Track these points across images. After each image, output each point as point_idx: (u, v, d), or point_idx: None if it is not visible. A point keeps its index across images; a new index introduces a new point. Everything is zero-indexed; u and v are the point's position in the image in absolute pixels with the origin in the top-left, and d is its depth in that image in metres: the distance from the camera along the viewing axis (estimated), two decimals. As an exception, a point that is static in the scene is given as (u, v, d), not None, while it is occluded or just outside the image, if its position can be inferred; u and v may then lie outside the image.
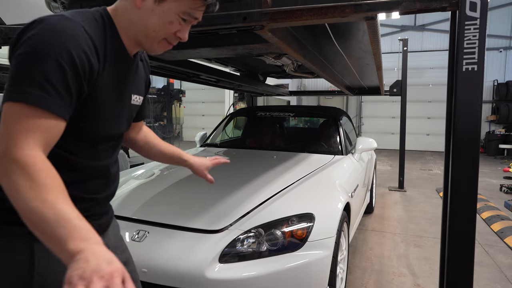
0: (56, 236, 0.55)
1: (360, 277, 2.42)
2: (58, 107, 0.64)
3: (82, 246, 0.54)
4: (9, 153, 0.60)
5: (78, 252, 0.53)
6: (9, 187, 0.59)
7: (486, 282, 2.40)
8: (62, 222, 0.56)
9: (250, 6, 1.24)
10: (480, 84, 1.18)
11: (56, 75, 0.63)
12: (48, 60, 0.63)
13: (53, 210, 0.56)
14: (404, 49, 5.28)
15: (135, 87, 0.88)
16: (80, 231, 0.56)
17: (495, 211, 3.97)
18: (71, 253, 0.53)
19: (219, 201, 1.72)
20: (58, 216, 0.56)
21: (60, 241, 0.55)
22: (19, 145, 0.60)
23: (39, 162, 0.60)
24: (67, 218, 0.56)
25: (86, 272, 0.51)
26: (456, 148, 1.22)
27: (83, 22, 0.70)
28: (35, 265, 0.72)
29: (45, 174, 0.59)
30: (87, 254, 0.53)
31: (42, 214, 0.56)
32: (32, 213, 0.57)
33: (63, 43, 0.64)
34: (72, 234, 0.55)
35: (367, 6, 1.18)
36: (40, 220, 0.56)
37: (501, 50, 10.52)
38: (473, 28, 1.16)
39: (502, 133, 9.73)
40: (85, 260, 0.52)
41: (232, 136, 3.50)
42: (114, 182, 0.89)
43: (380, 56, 2.21)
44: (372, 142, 2.89)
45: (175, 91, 9.55)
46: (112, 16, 0.77)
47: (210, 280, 1.34)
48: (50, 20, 0.66)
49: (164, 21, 0.76)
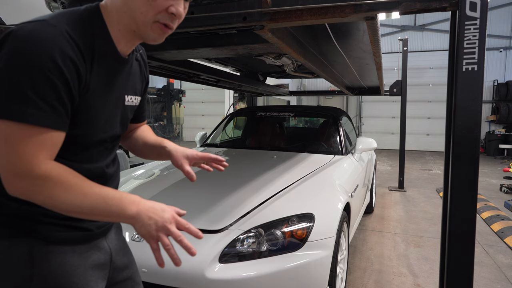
0: (113, 213, 0.67)
1: (360, 277, 2.42)
2: (56, 122, 0.64)
3: (137, 209, 0.68)
4: (30, 173, 0.63)
5: (137, 214, 0.68)
6: (45, 200, 0.64)
7: (486, 282, 2.40)
8: (110, 201, 0.66)
9: (250, 6, 1.24)
10: (480, 84, 1.18)
11: (47, 89, 0.61)
12: (36, 74, 0.60)
13: (97, 196, 0.66)
14: (404, 49, 5.28)
15: (129, 88, 0.84)
16: (127, 199, 0.68)
17: (495, 211, 3.97)
18: (132, 218, 0.68)
19: (219, 201, 1.72)
20: (104, 199, 0.66)
21: (119, 215, 0.67)
22: (34, 163, 0.63)
23: (59, 169, 0.65)
24: (112, 196, 0.67)
25: (157, 225, 0.68)
26: (456, 148, 1.22)
27: (67, 26, 0.66)
28: (34, 268, 0.71)
29: (70, 175, 0.66)
30: (146, 213, 0.68)
31: (91, 205, 0.65)
32: (82, 209, 0.65)
33: (48, 54, 0.61)
34: (123, 205, 0.67)
35: (367, 6, 1.18)
36: (92, 210, 0.66)
37: (501, 50, 10.52)
38: (473, 28, 1.16)
39: (502, 133, 9.74)
40: (148, 217, 0.68)
41: (232, 136, 3.49)
42: (112, 182, 0.87)
43: (380, 56, 2.21)
44: (372, 142, 2.89)
45: (175, 91, 9.54)
46: (103, 13, 0.72)
47: (210, 280, 1.34)
48: (30, 27, 0.62)
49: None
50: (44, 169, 0.63)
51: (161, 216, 0.69)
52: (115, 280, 0.89)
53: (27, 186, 0.63)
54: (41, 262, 0.71)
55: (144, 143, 1.00)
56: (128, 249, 0.97)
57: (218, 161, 1.00)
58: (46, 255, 0.72)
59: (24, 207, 0.72)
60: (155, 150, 0.98)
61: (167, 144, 0.97)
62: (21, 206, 0.72)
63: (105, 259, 0.84)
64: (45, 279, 0.72)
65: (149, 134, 1.02)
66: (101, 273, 0.82)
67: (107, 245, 0.85)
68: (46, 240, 0.72)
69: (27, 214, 0.72)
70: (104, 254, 0.83)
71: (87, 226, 0.79)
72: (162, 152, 0.97)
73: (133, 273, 0.95)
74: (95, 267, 0.80)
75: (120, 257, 0.90)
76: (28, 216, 0.72)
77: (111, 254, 0.86)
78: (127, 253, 0.95)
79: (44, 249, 0.72)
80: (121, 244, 0.93)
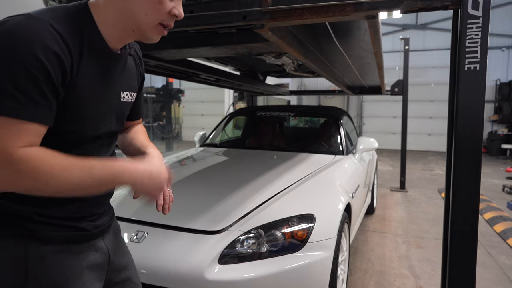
0: (110, 182, 0.70)
1: (361, 278, 2.41)
2: (34, 115, 0.63)
3: (134, 175, 0.72)
4: (8, 159, 0.60)
5: (134, 179, 0.72)
6: (30, 186, 0.63)
7: (488, 283, 2.38)
8: (106, 170, 0.68)
9: (250, 4, 1.23)
10: (483, 83, 1.16)
11: (27, 83, 0.61)
12: (16, 67, 0.60)
13: (94, 169, 0.67)
14: (405, 48, 5.25)
15: (123, 84, 0.83)
16: (122, 167, 0.71)
17: (497, 211, 3.95)
18: (129, 182, 0.72)
19: (219, 201, 1.71)
20: (101, 170, 0.67)
21: (115, 182, 0.71)
22: (11, 150, 0.60)
23: (37, 151, 0.63)
24: (108, 165, 0.69)
25: (156, 185, 0.76)
26: (458, 148, 1.20)
27: (52, 20, 0.65)
28: (29, 268, 0.70)
29: (50, 155, 0.64)
30: (142, 177, 0.73)
31: (79, 180, 0.65)
32: (79, 186, 0.66)
33: (29, 47, 0.60)
34: (120, 173, 0.70)
35: (368, 4, 1.17)
36: (81, 185, 0.66)
37: (503, 49, 10.48)
38: (475, 27, 1.14)
39: (504, 133, 9.69)
40: (147, 177, 0.74)
41: (232, 136, 3.48)
42: None
43: (381, 55, 2.20)
44: (373, 142, 2.88)
45: (174, 90, 9.52)
46: (92, 10, 0.71)
47: (210, 281, 1.33)
48: (13, 22, 0.62)
49: (153, 1, 0.70)
50: (21, 153, 0.61)
51: (159, 174, 0.77)
52: (113, 281, 0.88)
53: (7, 174, 0.61)
54: (37, 262, 0.71)
55: (130, 143, 0.97)
56: (127, 250, 0.96)
57: (166, 200, 0.91)
58: (42, 255, 0.71)
59: (19, 207, 0.71)
60: (137, 153, 0.95)
61: (149, 151, 0.91)
62: (16, 206, 0.71)
63: (103, 259, 0.83)
64: (41, 279, 0.71)
65: (139, 135, 0.99)
66: (98, 274, 0.82)
67: (104, 246, 0.84)
68: (41, 240, 0.72)
69: (22, 214, 0.71)
70: (101, 255, 0.83)
71: (84, 226, 0.78)
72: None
73: (132, 274, 0.94)
74: (92, 267, 0.79)
75: (118, 258, 0.89)
76: (23, 216, 0.71)
77: (109, 255, 0.85)
78: (125, 254, 0.94)
79: (40, 249, 0.72)
80: (119, 245, 0.92)
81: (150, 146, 0.95)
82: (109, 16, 0.72)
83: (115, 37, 0.74)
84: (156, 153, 0.94)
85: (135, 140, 0.97)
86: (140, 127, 1.03)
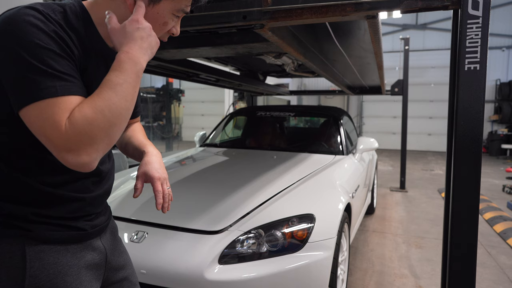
0: (136, 74, 0.68)
1: (361, 278, 2.40)
2: (79, 89, 0.65)
3: (140, 52, 0.69)
4: (64, 135, 0.61)
5: (145, 58, 0.70)
6: (105, 133, 0.63)
7: (488, 283, 2.38)
8: (124, 68, 0.67)
9: (250, 4, 1.23)
10: (483, 83, 1.16)
11: (55, 61, 0.62)
12: (35, 49, 0.60)
13: (114, 78, 0.65)
14: (405, 48, 5.26)
15: None
16: (120, 58, 0.68)
17: (497, 211, 3.95)
18: (144, 57, 0.70)
19: (219, 201, 1.71)
20: (121, 72, 0.66)
21: (140, 69, 0.69)
22: (61, 123, 0.61)
23: (80, 105, 0.63)
24: (113, 67, 0.67)
25: (155, 38, 0.72)
26: (458, 148, 1.20)
27: (49, 11, 0.66)
28: (27, 268, 0.70)
29: (93, 97, 0.64)
30: (141, 44, 0.70)
31: (123, 86, 0.66)
32: (124, 98, 0.65)
33: (45, 33, 0.62)
34: (133, 63, 0.68)
35: (368, 4, 1.17)
36: (126, 89, 0.66)
37: (503, 49, 10.48)
38: (475, 27, 1.14)
39: (504, 133, 9.69)
40: (142, 43, 0.70)
41: (232, 136, 3.48)
42: (107, 180, 0.86)
43: (381, 55, 2.20)
44: (373, 142, 2.88)
45: (174, 90, 9.51)
46: (89, 10, 0.73)
47: (210, 281, 1.33)
48: (8, 13, 0.63)
49: (159, 22, 0.74)
50: (66, 123, 0.61)
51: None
52: (111, 280, 0.88)
53: (85, 140, 0.62)
54: (34, 262, 0.71)
55: (128, 142, 0.97)
56: (124, 250, 0.96)
57: (165, 199, 0.89)
58: (39, 255, 0.71)
59: (15, 207, 0.71)
60: (136, 151, 0.96)
61: (148, 150, 0.92)
62: (12, 206, 0.71)
63: (100, 259, 0.83)
64: (38, 279, 0.71)
65: (137, 134, 0.99)
66: (96, 273, 0.82)
67: (102, 245, 0.84)
68: (38, 239, 0.72)
69: (20, 213, 0.71)
70: (98, 254, 0.82)
71: (81, 226, 0.78)
72: (140, 157, 0.94)
73: (129, 273, 0.94)
74: (89, 267, 0.79)
75: (115, 257, 0.89)
76: (20, 216, 0.71)
77: (106, 254, 0.85)
78: (123, 253, 0.94)
79: (37, 248, 0.71)
80: (117, 244, 0.92)
81: (149, 145, 0.95)
82: None
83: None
84: (155, 151, 0.94)
85: (133, 138, 0.97)
86: (138, 126, 1.03)
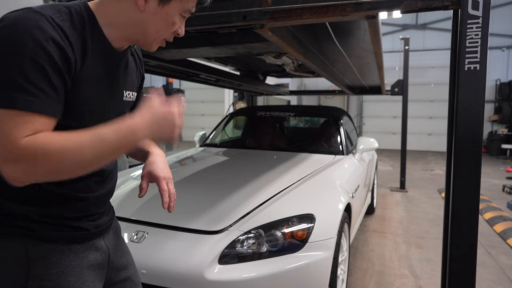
0: (127, 143, 0.67)
1: (361, 278, 2.40)
2: (46, 107, 0.62)
3: (147, 132, 0.69)
4: (16, 150, 0.59)
5: (149, 127, 0.69)
6: (45, 171, 0.62)
7: (488, 283, 2.38)
8: (121, 133, 0.66)
9: (250, 4, 1.23)
10: (483, 83, 1.16)
11: (35, 73, 0.61)
12: (22, 58, 0.60)
13: (102, 135, 0.64)
14: (405, 48, 5.26)
15: (127, 83, 0.84)
16: (132, 125, 0.67)
17: (497, 211, 3.95)
18: (146, 136, 0.69)
19: (219, 201, 1.71)
20: (110, 134, 0.65)
21: (130, 140, 0.67)
22: (18, 141, 0.59)
23: (41, 135, 0.62)
24: (119, 128, 0.66)
25: (172, 133, 0.72)
26: (458, 148, 1.20)
27: (53, 14, 0.65)
28: (30, 268, 0.70)
29: (56, 136, 0.63)
30: (152, 126, 0.69)
31: (105, 147, 0.65)
32: (95, 157, 0.64)
33: (34, 39, 0.61)
34: (132, 133, 0.67)
35: (368, 4, 1.17)
36: (97, 156, 0.64)
37: (503, 49, 10.47)
38: (475, 27, 1.14)
39: (504, 133, 9.69)
40: (155, 126, 0.69)
41: (232, 136, 3.48)
42: (110, 180, 0.86)
43: (381, 55, 2.20)
44: (373, 142, 2.88)
45: (174, 90, 9.53)
46: (94, 11, 0.73)
47: (210, 281, 1.33)
48: (14, 16, 0.63)
49: (168, 23, 0.75)
50: (26, 140, 0.60)
51: (171, 119, 0.74)
52: (113, 280, 0.88)
53: (23, 165, 0.60)
54: (37, 262, 0.71)
55: None
56: (127, 250, 0.96)
57: (171, 198, 0.91)
58: (42, 255, 0.72)
59: (18, 206, 0.71)
60: (140, 152, 0.96)
61: (152, 151, 0.94)
62: (15, 206, 0.71)
63: (103, 259, 0.83)
64: (41, 279, 0.71)
65: None
66: (99, 273, 0.82)
67: (105, 245, 0.84)
68: (42, 239, 0.72)
69: (22, 213, 0.71)
70: (101, 254, 0.83)
71: (84, 226, 0.78)
72: (144, 157, 0.95)
73: (132, 273, 0.95)
74: (92, 267, 0.80)
75: (118, 257, 0.90)
76: (23, 216, 0.71)
77: (109, 254, 0.85)
78: (126, 253, 0.94)
79: (40, 248, 0.72)
80: (119, 244, 0.93)
81: (152, 145, 0.96)
82: (117, 21, 0.73)
83: (120, 40, 0.76)
84: (159, 151, 0.95)
85: None
86: None
